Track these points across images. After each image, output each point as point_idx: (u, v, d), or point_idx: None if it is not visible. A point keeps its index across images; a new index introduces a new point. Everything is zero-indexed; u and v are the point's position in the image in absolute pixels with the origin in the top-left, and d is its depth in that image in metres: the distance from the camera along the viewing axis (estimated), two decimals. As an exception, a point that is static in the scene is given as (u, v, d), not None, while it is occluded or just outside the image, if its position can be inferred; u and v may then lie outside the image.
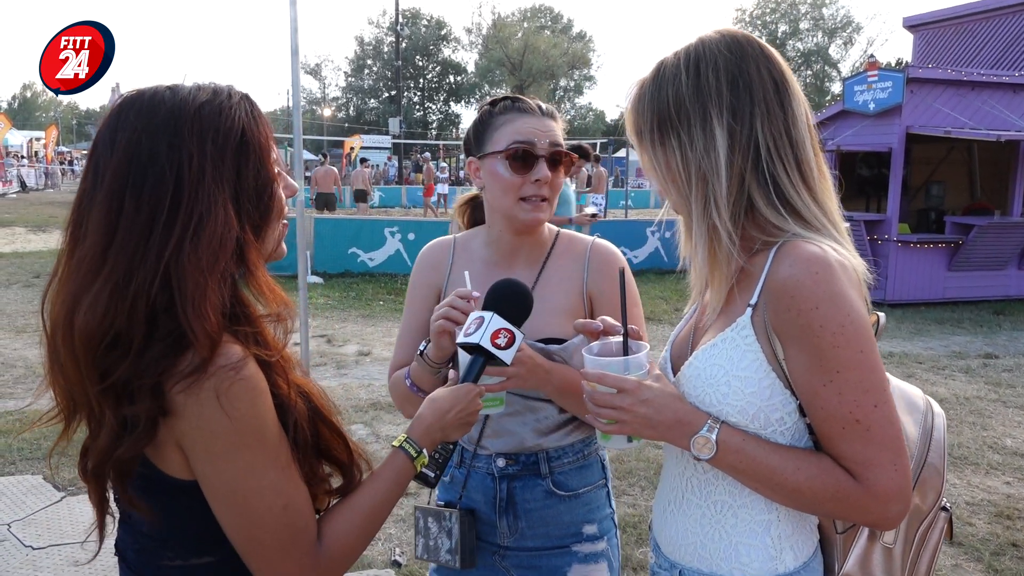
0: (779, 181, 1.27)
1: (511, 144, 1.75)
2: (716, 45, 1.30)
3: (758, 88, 1.28)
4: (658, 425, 1.27)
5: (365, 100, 62.66)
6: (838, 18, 57.84)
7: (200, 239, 1.10)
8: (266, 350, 1.17)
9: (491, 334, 1.46)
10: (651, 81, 1.34)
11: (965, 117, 10.56)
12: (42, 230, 18.02)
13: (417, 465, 1.35)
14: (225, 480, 1.13)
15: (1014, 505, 4.45)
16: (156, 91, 1.17)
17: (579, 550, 1.86)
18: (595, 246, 1.89)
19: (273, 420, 1.16)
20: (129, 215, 1.10)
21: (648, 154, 1.35)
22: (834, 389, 1.18)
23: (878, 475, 1.18)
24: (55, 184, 34.89)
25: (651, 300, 10.43)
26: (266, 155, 1.21)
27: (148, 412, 1.08)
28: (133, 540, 1.26)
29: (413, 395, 1.78)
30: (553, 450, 1.84)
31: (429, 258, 1.96)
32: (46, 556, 3.76)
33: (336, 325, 9.01)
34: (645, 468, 4.84)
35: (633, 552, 3.84)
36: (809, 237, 1.24)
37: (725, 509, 1.34)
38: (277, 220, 1.25)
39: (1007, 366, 7.66)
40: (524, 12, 64.97)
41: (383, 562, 3.73)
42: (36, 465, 4.80)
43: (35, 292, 10.51)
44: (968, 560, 3.84)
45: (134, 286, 1.08)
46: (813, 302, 1.17)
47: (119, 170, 1.11)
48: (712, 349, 1.30)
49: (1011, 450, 5.34)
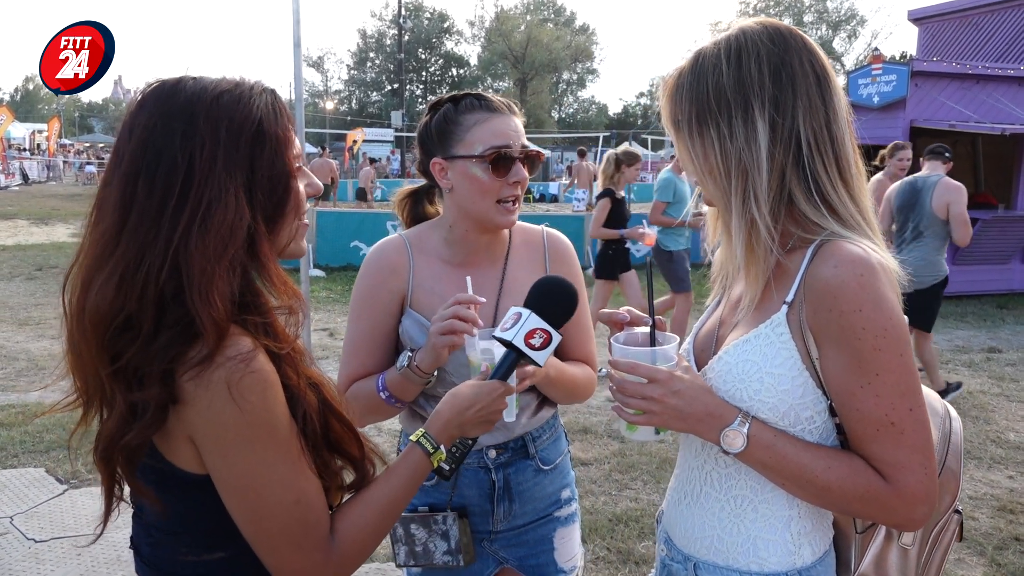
0: (819, 177, 1.25)
1: (489, 148, 1.72)
2: (758, 36, 1.27)
3: (801, 81, 1.26)
4: (688, 417, 1.27)
5: (368, 93, 62.58)
6: (842, 11, 57.68)
7: (208, 226, 1.10)
8: (277, 342, 1.17)
9: (526, 333, 1.40)
10: (689, 70, 1.31)
11: (970, 111, 10.52)
12: (44, 223, 18.04)
13: (434, 461, 1.34)
14: (236, 473, 1.13)
15: (1017, 499, 4.44)
16: (180, 80, 1.18)
17: (559, 515, 1.95)
18: (550, 235, 1.95)
19: (284, 413, 1.15)
20: (141, 199, 1.11)
21: (685, 144, 1.33)
22: (872, 391, 1.18)
23: (908, 477, 1.18)
24: (57, 177, 34.94)
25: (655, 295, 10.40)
26: (283, 148, 1.20)
27: (157, 399, 1.08)
28: (146, 534, 1.26)
29: (387, 406, 1.77)
30: (535, 430, 1.90)
31: (385, 262, 1.85)
32: (48, 549, 3.77)
33: (338, 319, 9.00)
34: (648, 462, 4.83)
35: (635, 546, 3.84)
36: (848, 236, 1.23)
37: (745, 503, 1.33)
38: (293, 215, 1.24)
39: (1010, 360, 7.64)
40: (527, 5, 64.83)
41: (385, 556, 3.73)
42: (39, 458, 4.81)
43: (37, 285, 10.53)
44: (971, 554, 3.84)
45: (143, 270, 1.09)
46: (857, 304, 1.16)
47: (135, 154, 1.13)
48: (745, 345, 1.29)
49: (1014, 444, 5.33)
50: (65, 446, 4.94)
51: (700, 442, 1.37)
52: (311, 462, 1.20)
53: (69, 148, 42.76)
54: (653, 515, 4.15)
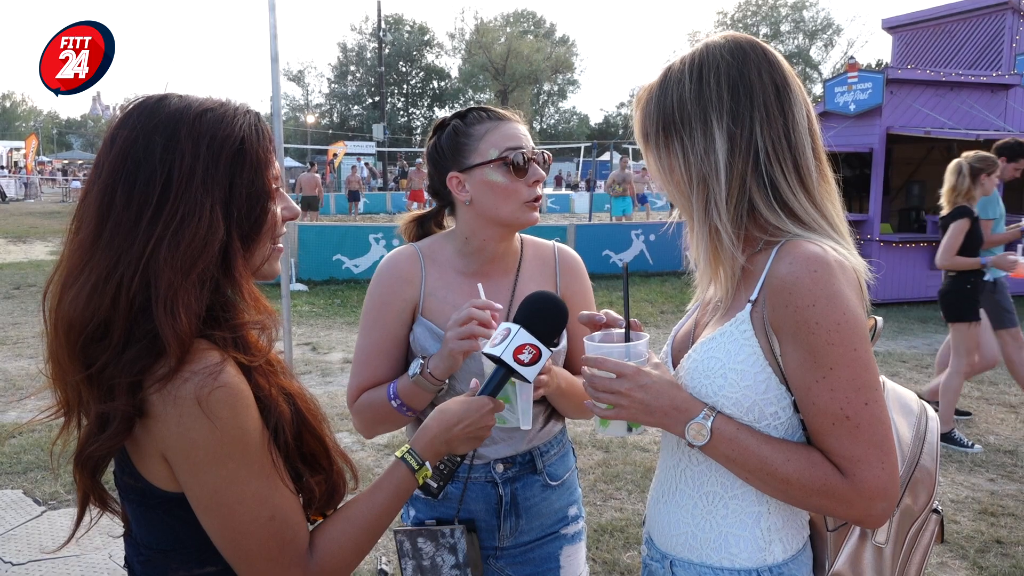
0: (777, 184, 1.30)
1: (505, 151, 1.75)
2: (719, 50, 1.33)
3: (758, 93, 1.30)
4: (655, 411, 1.30)
5: (348, 106, 62.53)
6: (818, 20, 58.42)
7: (180, 239, 1.11)
8: (248, 355, 1.17)
9: (515, 348, 1.40)
10: (657, 86, 1.37)
11: (944, 117, 10.66)
12: (22, 241, 17.84)
13: (419, 478, 1.33)
14: (208, 491, 1.12)
15: (998, 502, 4.48)
16: (165, 96, 1.20)
17: (566, 532, 1.93)
18: (560, 250, 1.96)
19: (256, 427, 1.15)
20: (119, 209, 1.12)
21: (653, 156, 1.38)
22: (827, 385, 1.21)
23: (865, 472, 1.20)
24: (35, 194, 34.58)
25: (636, 303, 10.44)
26: (263, 169, 1.21)
27: (124, 410, 1.08)
28: (137, 553, 1.25)
29: (398, 415, 1.76)
30: (543, 445, 1.89)
31: (398, 271, 1.86)
32: (26, 572, 3.71)
33: (321, 333, 8.96)
34: (632, 472, 4.83)
35: (620, 556, 3.83)
36: (809, 237, 1.27)
37: (716, 500, 1.36)
38: (268, 236, 1.24)
39: (990, 363, 7.71)
40: (507, 17, 65.19)
41: (369, 571, 3.70)
42: (16, 479, 4.73)
43: (15, 304, 10.39)
44: (953, 558, 3.86)
45: (115, 279, 1.10)
46: (810, 299, 1.20)
47: (115, 165, 1.13)
48: (711, 342, 1.33)
49: (994, 447, 5.38)
50: (43, 467, 4.87)
51: (676, 441, 1.39)
52: (286, 476, 1.19)
53: (47, 165, 42.37)
54: (638, 525, 4.14)
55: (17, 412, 5.96)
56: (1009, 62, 11.59)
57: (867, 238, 10.68)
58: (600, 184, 28.56)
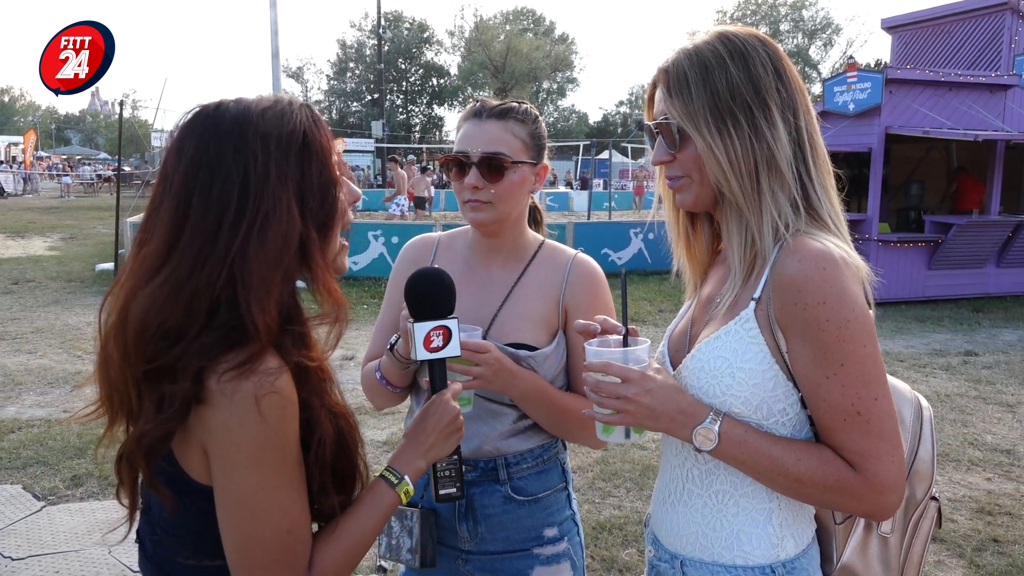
0: (813, 177, 1.32)
1: (456, 151, 1.81)
2: (753, 40, 1.33)
3: (796, 85, 1.33)
4: (661, 416, 1.29)
5: (347, 103, 62.40)
6: (818, 20, 58.41)
7: (267, 236, 1.14)
8: (309, 353, 1.21)
9: (422, 343, 1.44)
10: (690, 67, 1.32)
11: (943, 117, 10.68)
12: (21, 236, 17.82)
13: (400, 492, 1.34)
14: (239, 491, 1.14)
15: (995, 501, 4.50)
16: (221, 103, 1.22)
17: (540, 552, 1.85)
18: (577, 259, 1.89)
19: (295, 439, 1.17)
20: (197, 216, 1.14)
21: (704, 139, 1.31)
22: (837, 382, 1.21)
23: (876, 466, 1.21)
24: (34, 189, 34.52)
25: (635, 302, 10.45)
26: (328, 158, 1.24)
27: (185, 394, 1.10)
28: (151, 531, 1.28)
29: (382, 388, 1.83)
30: (512, 455, 1.83)
31: (411, 254, 1.99)
32: (26, 567, 3.71)
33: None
34: (630, 470, 4.84)
35: (619, 554, 3.84)
36: (813, 234, 1.27)
37: (727, 499, 1.36)
38: (339, 223, 1.27)
39: (987, 363, 7.74)
40: (506, 15, 65.08)
41: (368, 568, 3.71)
42: (15, 475, 4.74)
43: (14, 299, 10.39)
44: (951, 556, 3.88)
45: (195, 281, 1.12)
46: (820, 297, 1.20)
47: (187, 175, 1.16)
48: (716, 341, 1.32)
49: (991, 446, 5.40)
50: (42, 462, 4.87)
51: (679, 441, 1.39)
52: (309, 491, 1.22)
53: (45, 160, 42.29)
54: (637, 522, 4.16)
55: (16, 407, 5.96)
56: (1008, 62, 11.60)
57: (865, 237, 10.70)
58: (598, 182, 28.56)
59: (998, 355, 8.07)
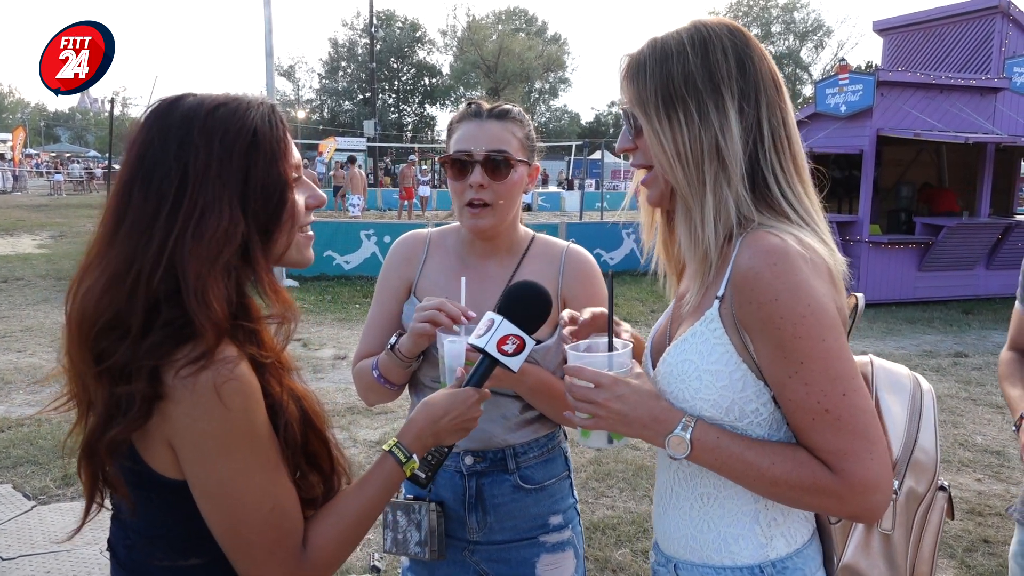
0: (774, 170, 1.28)
1: (455, 151, 1.80)
2: (718, 28, 1.30)
3: (761, 76, 1.29)
4: (633, 422, 1.27)
5: (339, 102, 62.21)
6: (809, 22, 58.59)
7: (203, 231, 1.14)
8: (262, 350, 1.20)
9: (499, 339, 1.41)
10: (651, 56, 1.31)
11: (934, 120, 10.74)
12: (9, 234, 17.68)
13: (407, 470, 1.35)
14: (215, 480, 1.15)
15: (985, 502, 4.52)
16: (179, 97, 1.23)
17: (546, 540, 1.90)
18: (570, 251, 1.93)
19: (263, 422, 1.18)
20: (136, 205, 1.15)
21: (652, 127, 1.30)
22: (800, 380, 1.17)
23: (854, 465, 1.17)
24: (23, 187, 34.29)
25: (627, 302, 10.47)
26: (278, 159, 1.23)
27: (143, 394, 1.10)
28: (124, 536, 1.27)
29: (379, 386, 1.84)
30: (520, 446, 1.87)
31: (402, 251, 1.98)
32: (16, 567, 3.69)
33: (312, 329, 8.93)
34: (624, 470, 4.85)
35: (612, 554, 3.85)
36: (774, 227, 1.23)
37: (712, 500, 1.34)
38: (289, 224, 1.26)
39: (976, 364, 7.79)
40: (499, 14, 65.02)
41: (362, 567, 3.70)
42: (5, 474, 4.70)
43: (2, 297, 10.31)
44: (941, 557, 3.90)
45: (133, 272, 1.12)
46: (772, 294, 1.16)
47: (132, 164, 1.17)
48: (683, 344, 1.30)
49: (981, 447, 5.43)
50: (32, 461, 4.84)
51: None
52: (289, 472, 1.22)
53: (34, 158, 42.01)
54: (630, 523, 4.16)
55: (6, 406, 5.92)
56: (998, 66, 11.67)
57: (856, 239, 10.75)
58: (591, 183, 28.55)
59: (988, 357, 8.11)
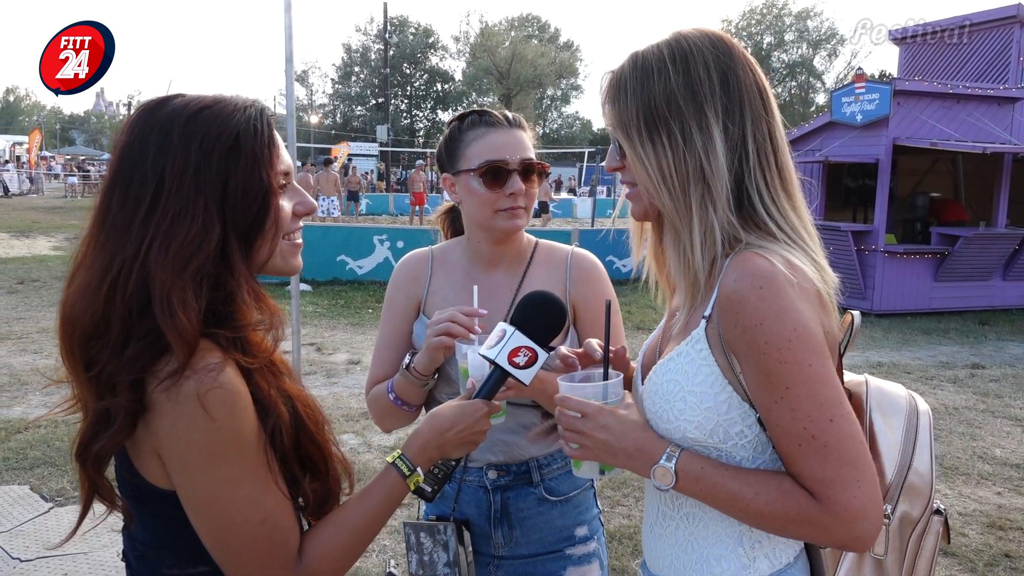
0: (760, 188, 1.23)
1: (483, 162, 1.78)
2: (700, 41, 1.25)
3: (746, 89, 1.24)
4: (618, 452, 1.25)
5: (352, 107, 62.47)
6: (822, 30, 58.42)
7: (172, 238, 1.11)
8: (247, 356, 1.16)
9: (510, 351, 1.37)
10: (632, 75, 1.27)
11: (951, 129, 10.68)
12: (25, 235, 17.83)
13: (410, 483, 1.31)
14: (200, 491, 1.12)
15: (1006, 515, 4.48)
16: (168, 98, 1.21)
17: (572, 553, 1.88)
18: (575, 255, 1.92)
19: (253, 428, 1.14)
20: (115, 211, 1.14)
21: (634, 150, 1.27)
22: (786, 406, 1.14)
23: (840, 494, 1.13)
24: (39, 189, 34.57)
25: (640, 309, 10.44)
26: (262, 164, 1.19)
27: (126, 407, 1.08)
28: (133, 547, 1.26)
29: (397, 409, 1.80)
30: (543, 457, 1.85)
31: (407, 270, 1.95)
32: (34, 569, 3.70)
33: (325, 333, 8.96)
34: (639, 479, 4.80)
35: (629, 563, 3.82)
36: (762, 247, 1.20)
37: (696, 521, 1.31)
38: (272, 231, 1.22)
39: (994, 376, 7.72)
40: (512, 21, 65.20)
41: (378, 574, 3.69)
42: (23, 475, 4.72)
43: (19, 299, 10.39)
44: (962, 571, 3.85)
45: (108, 280, 1.11)
46: (758, 318, 1.14)
47: (114, 168, 1.16)
48: (669, 363, 1.27)
49: (1001, 460, 5.38)
50: (50, 463, 4.86)
51: None
52: (280, 479, 1.18)
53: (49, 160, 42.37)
54: (646, 532, 4.14)
55: (23, 408, 5.95)
56: (1016, 75, 11.61)
57: (871, 248, 10.69)
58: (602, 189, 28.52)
59: (1005, 368, 8.05)
